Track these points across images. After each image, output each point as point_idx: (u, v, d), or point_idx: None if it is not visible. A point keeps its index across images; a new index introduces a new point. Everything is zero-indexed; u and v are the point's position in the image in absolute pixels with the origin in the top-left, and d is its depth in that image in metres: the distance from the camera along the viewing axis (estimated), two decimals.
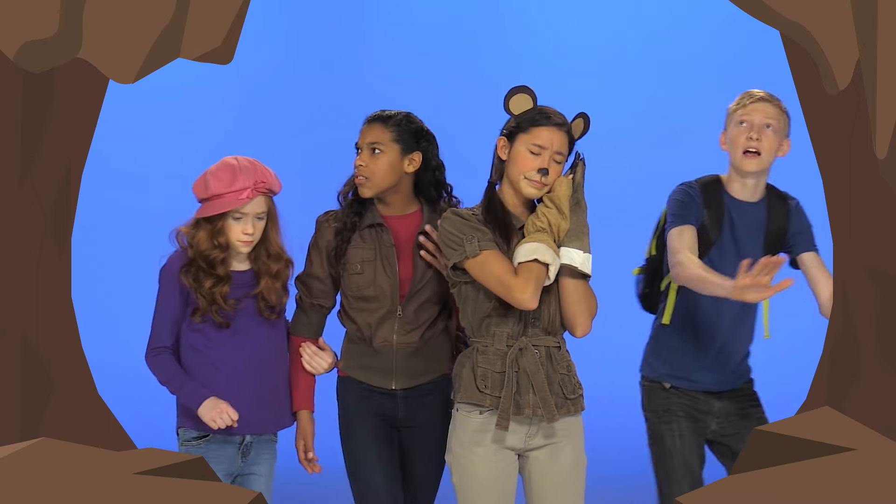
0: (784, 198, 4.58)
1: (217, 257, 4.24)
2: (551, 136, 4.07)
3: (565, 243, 4.07)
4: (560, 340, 4.13)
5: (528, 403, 4.04)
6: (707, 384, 4.55)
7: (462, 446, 4.09)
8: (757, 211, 4.53)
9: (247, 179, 4.21)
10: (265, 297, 4.29)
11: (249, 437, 4.30)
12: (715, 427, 4.56)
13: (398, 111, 4.47)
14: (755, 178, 4.50)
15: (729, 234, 4.52)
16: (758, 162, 4.46)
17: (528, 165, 4.08)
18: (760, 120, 4.46)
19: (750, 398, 4.59)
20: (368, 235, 4.45)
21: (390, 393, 4.45)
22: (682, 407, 4.56)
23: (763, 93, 4.53)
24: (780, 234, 4.52)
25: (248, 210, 4.22)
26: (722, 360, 4.54)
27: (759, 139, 4.45)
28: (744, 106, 4.50)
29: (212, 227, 4.23)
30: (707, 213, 4.54)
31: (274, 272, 4.31)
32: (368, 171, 4.41)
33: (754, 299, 4.07)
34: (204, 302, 4.22)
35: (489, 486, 4.09)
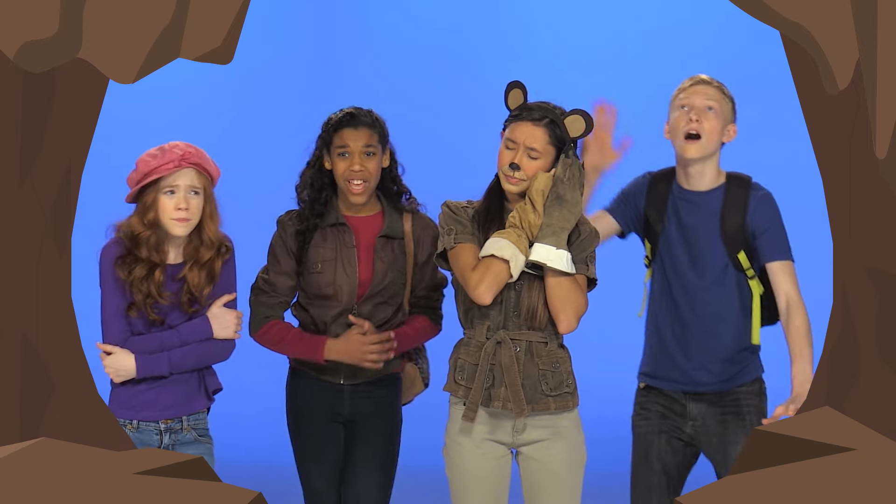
0: (746, 185, 4.44)
1: (144, 236, 4.09)
2: (524, 132, 4.09)
3: (539, 239, 4.06)
4: (547, 336, 4.14)
5: (499, 396, 4.09)
6: (680, 385, 4.48)
7: (450, 437, 4.18)
8: (709, 200, 4.43)
9: (175, 153, 4.11)
10: (189, 288, 4.15)
11: (168, 438, 4.18)
12: (689, 430, 4.47)
13: (364, 109, 4.52)
14: (700, 165, 4.43)
15: (674, 225, 4.44)
16: (699, 147, 4.37)
17: (502, 160, 4.12)
18: (701, 102, 4.36)
19: (736, 404, 4.46)
20: (330, 234, 4.48)
21: (337, 387, 4.50)
22: (657, 406, 4.52)
23: (705, 76, 4.43)
24: (739, 225, 4.40)
25: (178, 181, 4.09)
26: (695, 363, 4.45)
27: (700, 121, 4.38)
28: (683, 90, 4.41)
29: (142, 205, 4.12)
30: (648, 204, 4.49)
31: (204, 260, 4.16)
32: (366, 174, 4.44)
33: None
34: (140, 296, 4.10)
35: (476, 476, 4.13)
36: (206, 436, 4.26)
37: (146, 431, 4.19)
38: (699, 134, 4.35)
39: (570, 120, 4.12)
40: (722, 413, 4.45)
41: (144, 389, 4.18)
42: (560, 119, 4.11)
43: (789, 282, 4.35)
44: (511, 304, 4.12)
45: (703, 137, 4.36)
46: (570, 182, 4.08)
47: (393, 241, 4.52)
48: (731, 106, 4.42)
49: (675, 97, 4.45)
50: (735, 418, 4.44)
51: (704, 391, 4.45)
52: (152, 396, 4.19)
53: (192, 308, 4.15)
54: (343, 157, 4.44)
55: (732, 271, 4.42)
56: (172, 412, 4.19)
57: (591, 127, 4.13)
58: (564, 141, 4.12)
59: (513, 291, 4.12)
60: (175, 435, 4.19)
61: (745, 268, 4.42)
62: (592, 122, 4.13)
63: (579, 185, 4.10)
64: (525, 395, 4.08)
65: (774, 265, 4.38)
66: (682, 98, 4.40)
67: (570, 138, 4.13)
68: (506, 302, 4.12)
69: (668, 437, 4.48)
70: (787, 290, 4.34)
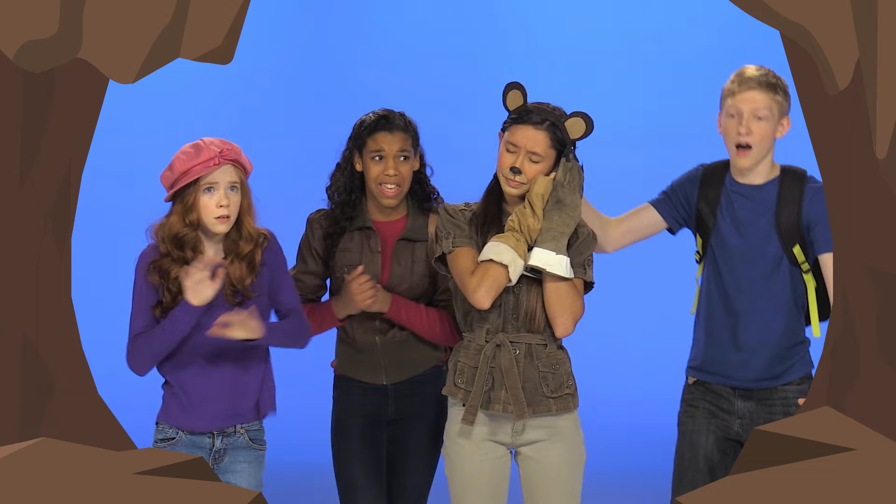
0: (801, 179, 4.42)
1: (188, 236, 4.06)
2: (525, 135, 4.09)
3: (539, 244, 4.05)
4: (546, 338, 4.14)
5: (499, 399, 4.10)
6: (730, 380, 4.44)
7: (450, 438, 4.18)
8: (763, 194, 4.41)
9: (212, 150, 4.07)
10: (231, 280, 4.09)
11: (220, 441, 4.14)
12: (737, 428, 4.44)
13: (397, 112, 4.49)
14: (752, 168, 4.43)
15: (728, 220, 4.42)
16: (751, 157, 4.36)
17: (503, 163, 4.12)
18: (750, 110, 4.32)
19: (784, 403, 4.42)
20: (356, 237, 4.47)
21: (381, 389, 4.49)
22: (705, 403, 4.48)
23: (755, 73, 4.36)
24: (794, 219, 4.38)
25: (218, 178, 4.05)
26: (746, 355, 4.41)
27: (750, 132, 4.36)
28: (733, 94, 4.35)
29: (182, 205, 4.07)
30: (701, 198, 4.46)
31: (244, 254, 4.11)
32: (400, 178, 4.43)
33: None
34: (169, 296, 4.06)
35: (475, 477, 4.14)
36: (259, 440, 4.21)
37: (198, 434, 4.17)
38: (750, 144, 4.34)
39: (570, 122, 4.12)
40: (770, 413, 4.40)
41: (197, 404, 4.15)
42: (561, 122, 4.10)
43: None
44: (510, 307, 4.12)
45: (754, 147, 4.34)
46: (570, 186, 4.07)
47: (414, 244, 4.48)
48: (783, 100, 4.35)
49: (724, 98, 4.38)
50: (783, 418, 4.40)
51: (754, 387, 4.42)
52: (202, 411, 4.15)
53: (235, 300, 4.11)
54: (377, 162, 4.41)
55: (787, 265, 4.39)
56: (218, 424, 4.16)
57: (591, 129, 4.13)
58: (565, 143, 4.12)
59: (511, 294, 4.12)
60: (227, 438, 4.16)
61: (801, 261, 4.39)
62: (592, 123, 4.12)
63: (579, 189, 4.10)
64: (525, 397, 4.09)
65: (827, 256, 4.35)
66: (731, 105, 4.34)
67: (571, 140, 4.13)
68: (504, 305, 4.12)
69: (716, 437, 4.44)
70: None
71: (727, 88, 4.39)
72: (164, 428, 4.17)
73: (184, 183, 4.04)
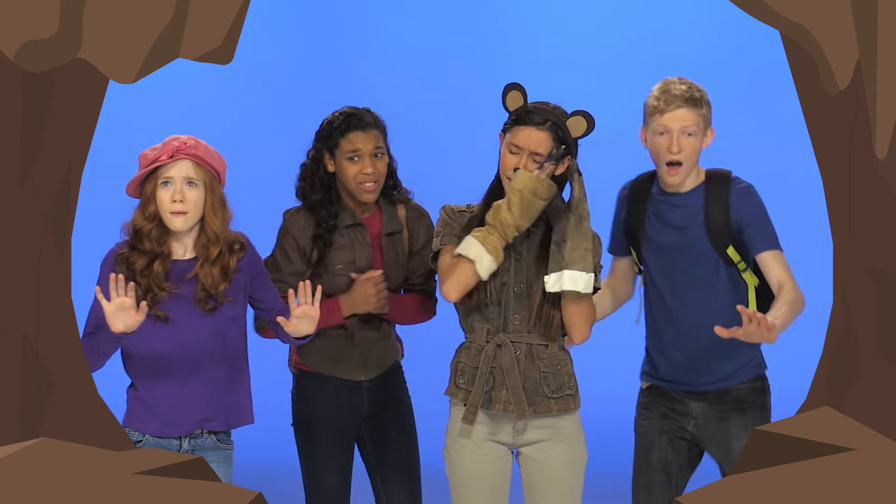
0: (725, 180, 4.43)
1: (146, 229, 4.05)
2: (528, 136, 4.09)
3: (569, 266, 4.06)
4: (548, 339, 4.14)
5: (500, 399, 4.10)
6: (682, 386, 4.47)
7: (451, 438, 4.19)
8: (691, 200, 4.42)
9: (172, 145, 4.07)
10: (203, 285, 4.06)
11: (187, 443, 4.12)
12: (692, 429, 4.46)
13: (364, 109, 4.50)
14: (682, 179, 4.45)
15: (658, 227, 4.44)
16: (681, 173, 4.38)
17: (506, 164, 4.13)
18: (679, 127, 4.31)
19: (738, 401, 4.45)
20: (346, 235, 4.47)
21: (357, 385, 4.49)
22: (659, 406, 4.51)
23: (679, 90, 4.34)
24: (723, 221, 4.37)
25: (173, 173, 4.03)
26: (691, 359, 4.43)
27: (681, 150, 4.37)
28: (660, 112, 4.33)
29: (143, 198, 4.08)
30: (630, 211, 4.48)
31: (213, 257, 4.07)
32: (377, 175, 4.43)
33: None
34: (139, 290, 4.02)
35: (476, 477, 4.15)
36: (226, 441, 4.20)
37: (165, 438, 4.15)
38: (681, 161, 4.35)
39: (571, 121, 4.13)
40: (723, 410, 4.44)
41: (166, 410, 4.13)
42: (562, 121, 4.11)
43: (780, 268, 4.34)
44: (510, 307, 4.12)
45: (685, 163, 4.36)
46: (585, 199, 4.10)
47: (394, 237, 4.52)
48: (707, 112, 4.38)
49: (650, 114, 4.35)
50: (738, 415, 4.43)
51: (706, 389, 4.45)
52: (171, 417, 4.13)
53: (208, 305, 4.09)
54: (353, 161, 4.42)
55: (724, 267, 4.41)
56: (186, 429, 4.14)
57: (593, 127, 4.13)
58: (567, 143, 4.12)
59: (512, 293, 4.12)
60: (195, 440, 4.15)
61: (737, 261, 4.41)
62: (594, 121, 4.13)
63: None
64: (526, 397, 4.09)
65: (764, 255, 4.37)
66: (658, 123, 4.34)
67: (573, 139, 4.13)
68: (505, 304, 4.12)
69: (669, 437, 4.48)
70: (779, 275, 4.33)
71: (652, 105, 4.36)
72: (130, 431, 4.15)
73: (142, 175, 4.05)
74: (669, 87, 4.36)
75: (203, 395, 4.11)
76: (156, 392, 4.11)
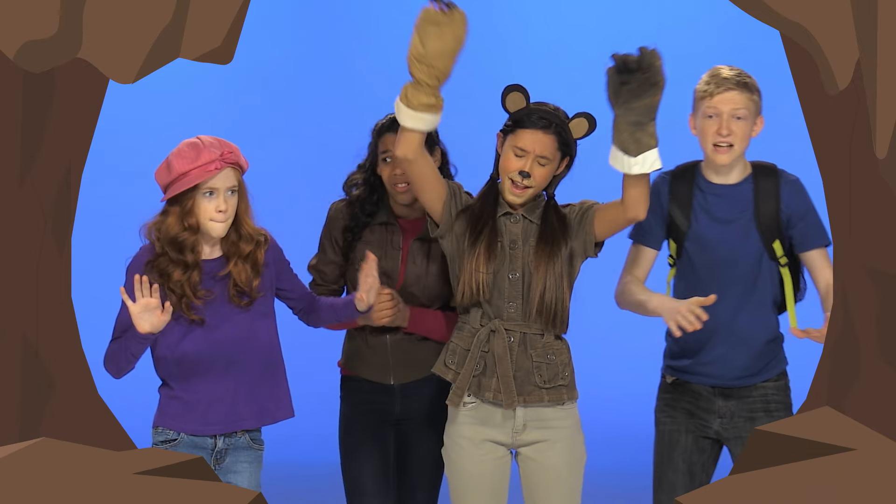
0: (774, 173, 4.41)
1: (187, 240, 4.00)
2: (534, 139, 4.10)
3: (657, 144, 4.02)
4: (544, 329, 4.14)
5: (490, 387, 4.10)
6: (708, 380, 4.45)
7: (449, 437, 4.19)
8: (740, 192, 4.39)
9: (212, 153, 4.00)
10: (236, 282, 4.05)
11: (222, 442, 4.10)
12: (717, 427, 4.43)
13: None
14: (730, 166, 4.42)
15: (704, 221, 4.42)
16: (731, 155, 4.33)
17: (510, 166, 4.14)
18: (729, 111, 4.29)
19: (764, 400, 4.42)
20: (378, 232, 4.48)
21: (388, 388, 4.49)
22: (684, 402, 4.49)
23: (730, 74, 4.34)
24: (773, 214, 4.36)
25: (218, 184, 3.99)
26: (722, 353, 4.40)
27: (730, 132, 4.34)
28: (710, 95, 4.32)
29: (181, 208, 4.00)
30: (672, 201, 4.44)
31: (245, 254, 4.06)
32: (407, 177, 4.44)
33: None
34: (173, 297, 4.00)
35: (476, 478, 4.15)
36: (258, 440, 4.17)
37: (200, 435, 4.13)
38: (732, 144, 4.32)
39: (574, 123, 4.15)
40: (751, 410, 4.40)
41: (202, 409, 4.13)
42: (565, 124, 4.13)
43: (829, 269, 4.31)
44: (504, 295, 4.12)
45: (736, 146, 4.32)
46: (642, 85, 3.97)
47: (430, 244, 4.47)
48: (758, 100, 4.35)
49: (699, 99, 4.34)
50: (764, 415, 4.39)
51: (733, 385, 4.41)
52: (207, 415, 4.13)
53: (242, 301, 4.08)
54: (387, 163, 4.44)
55: (767, 261, 4.39)
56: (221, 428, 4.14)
57: (594, 127, 4.15)
58: (570, 145, 4.15)
59: (506, 281, 4.12)
60: (229, 439, 4.14)
61: (779, 256, 4.39)
62: (595, 122, 4.14)
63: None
64: (516, 386, 4.09)
65: (814, 253, 4.35)
66: (709, 107, 4.32)
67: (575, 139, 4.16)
68: (499, 292, 4.11)
69: (694, 437, 4.44)
70: (827, 278, 4.30)
71: (702, 90, 4.35)
72: (163, 430, 4.14)
73: (183, 188, 3.98)
74: (720, 71, 4.37)
75: (239, 392, 4.09)
76: (192, 390, 4.09)
